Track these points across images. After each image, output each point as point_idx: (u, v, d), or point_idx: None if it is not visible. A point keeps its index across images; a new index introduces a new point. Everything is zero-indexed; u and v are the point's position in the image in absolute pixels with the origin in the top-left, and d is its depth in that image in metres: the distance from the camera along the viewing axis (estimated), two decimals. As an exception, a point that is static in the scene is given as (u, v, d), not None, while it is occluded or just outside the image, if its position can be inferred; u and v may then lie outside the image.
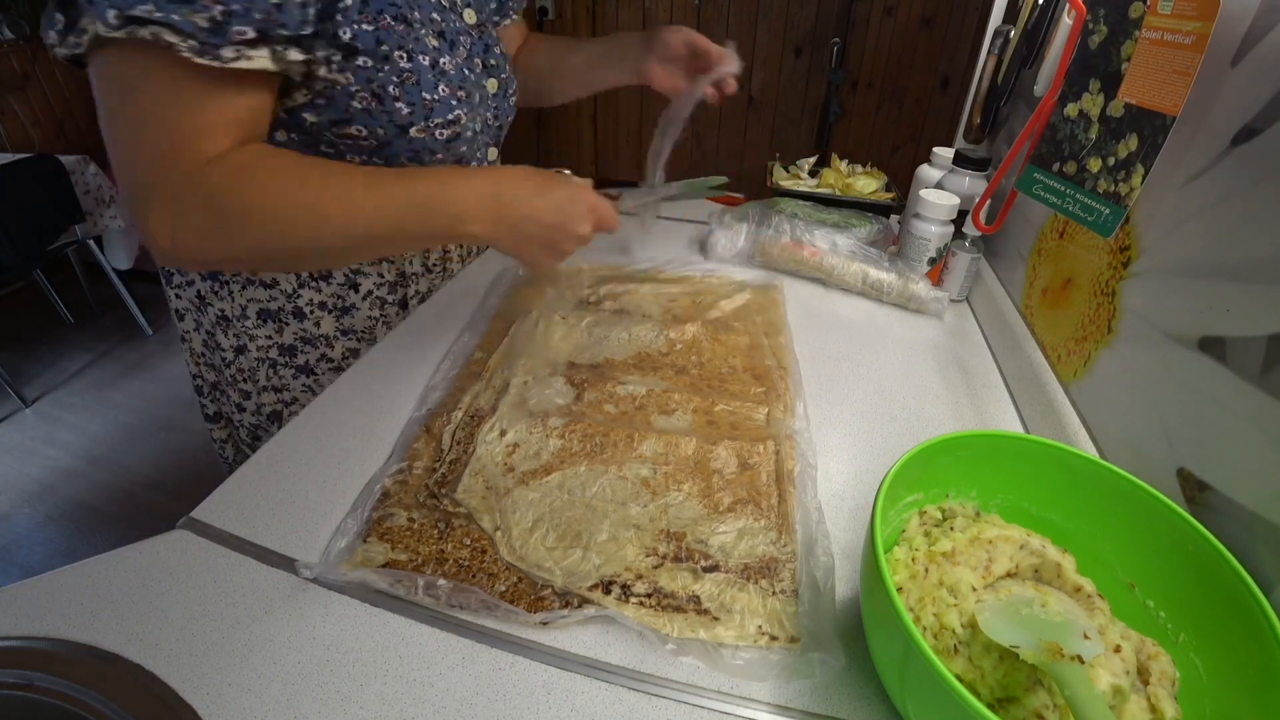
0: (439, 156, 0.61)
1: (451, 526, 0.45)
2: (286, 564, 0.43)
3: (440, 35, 0.57)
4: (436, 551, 0.43)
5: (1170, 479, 0.42)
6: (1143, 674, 0.33)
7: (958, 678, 0.30)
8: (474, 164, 0.68)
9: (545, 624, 0.39)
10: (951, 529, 0.39)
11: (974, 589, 0.36)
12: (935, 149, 0.89)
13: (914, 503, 0.42)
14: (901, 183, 0.99)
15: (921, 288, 0.77)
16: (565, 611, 0.39)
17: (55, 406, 1.98)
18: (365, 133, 0.55)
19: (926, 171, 0.88)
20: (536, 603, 0.40)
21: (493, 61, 0.66)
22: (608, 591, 0.41)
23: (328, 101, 0.53)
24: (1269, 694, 0.29)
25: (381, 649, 0.38)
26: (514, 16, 0.77)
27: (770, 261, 0.86)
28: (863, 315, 0.78)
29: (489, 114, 0.66)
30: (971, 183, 0.81)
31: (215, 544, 0.44)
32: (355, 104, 0.53)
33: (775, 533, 0.45)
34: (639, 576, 0.42)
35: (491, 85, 0.66)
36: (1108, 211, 0.52)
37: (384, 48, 0.52)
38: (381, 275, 0.69)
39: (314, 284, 0.67)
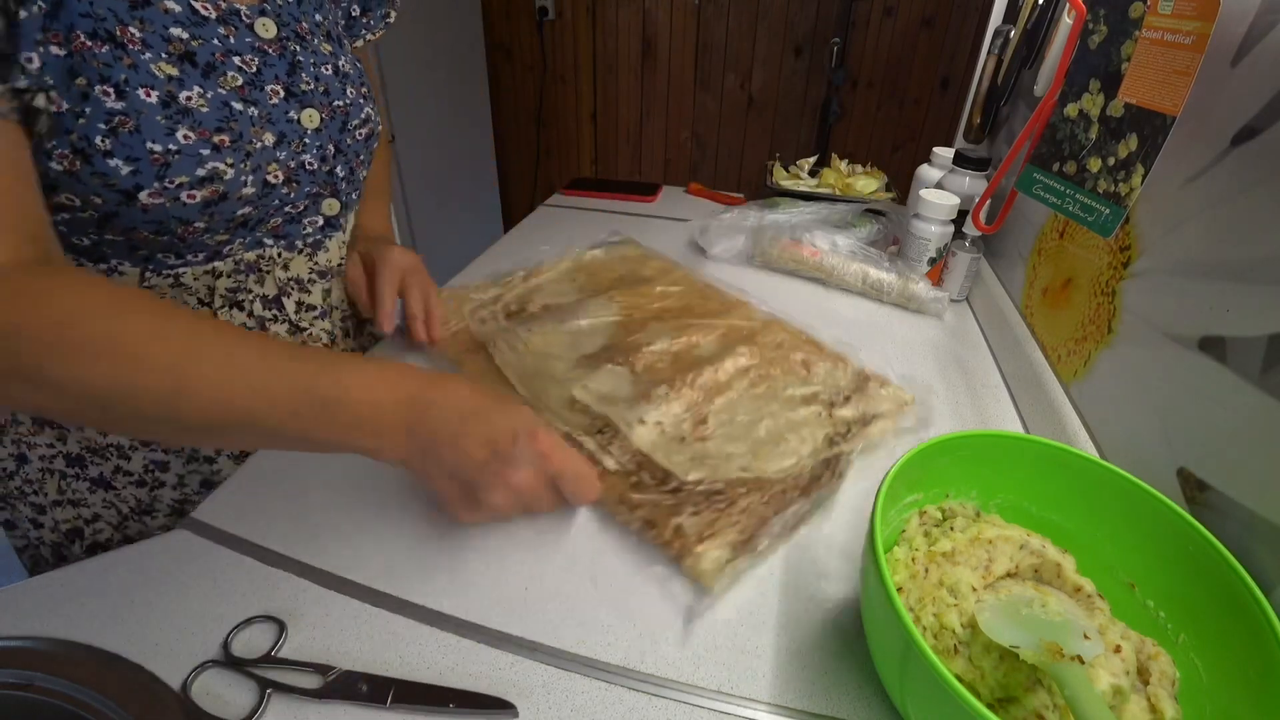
0: (198, 225, 0.45)
1: None
2: (287, 564, 0.43)
3: (186, 59, 0.42)
4: None
5: (1170, 479, 0.42)
6: (1143, 674, 0.33)
7: (958, 678, 0.30)
8: (281, 223, 0.53)
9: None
10: (951, 529, 0.39)
11: (974, 589, 0.36)
12: (935, 149, 0.89)
13: (914, 503, 0.42)
14: (901, 183, 0.99)
15: (921, 288, 0.77)
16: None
17: (55, 406, 1.98)
18: (79, 203, 0.41)
19: (926, 171, 0.88)
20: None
21: (305, 85, 0.50)
22: None
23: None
24: (1269, 694, 0.29)
25: (381, 649, 0.38)
26: (366, 38, 0.64)
27: (770, 261, 0.86)
28: (863, 315, 0.78)
29: (309, 156, 0.51)
30: (971, 183, 0.81)
31: (215, 544, 0.44)
32: (54, 164, 0.39)
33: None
34: None
35: (310, 118, 0.50)
36: (1108, 211, 0.52)
37: (80, 81, 0.38)
38: None
39: None
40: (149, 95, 0.40)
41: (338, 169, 0.55)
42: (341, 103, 0.54)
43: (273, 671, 0.36)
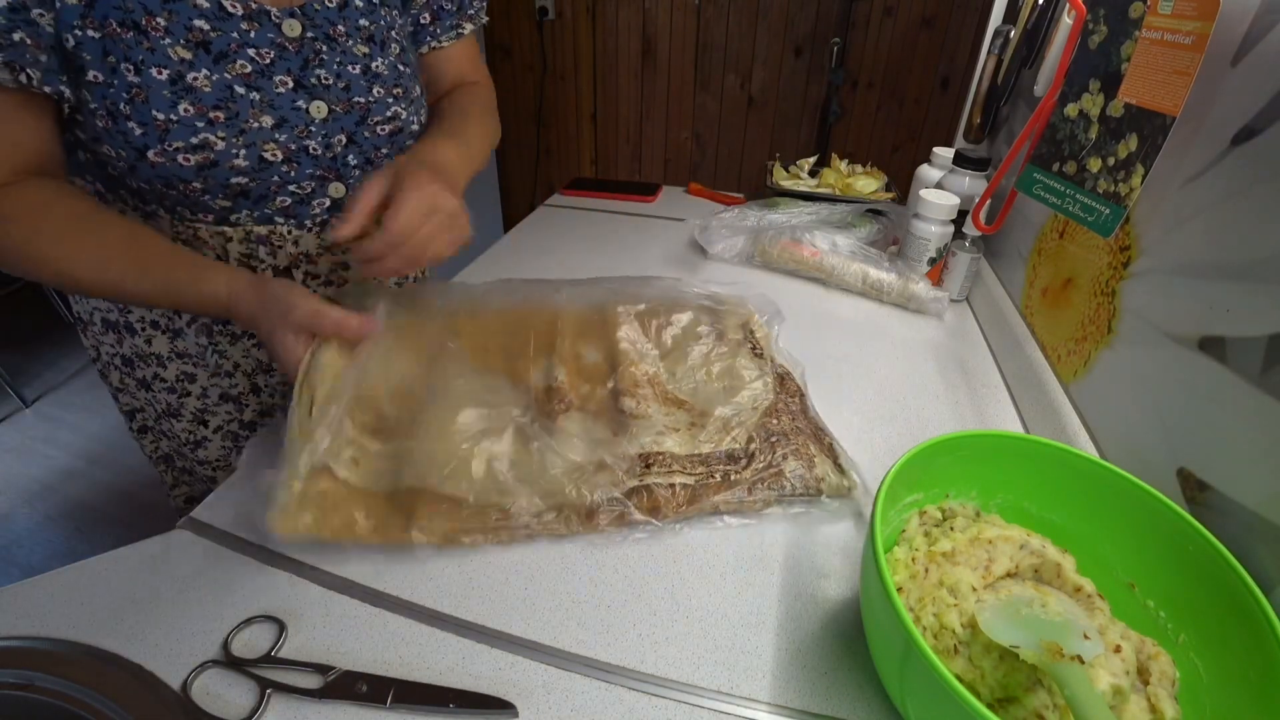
0: (195, 185, 0.52)
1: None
2: (287, 564, 0.43)
3: (201, 46, 0.50)
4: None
5: (1170, 479, 0.42)
6: (1143, 674, 0.33)
7: (958, 678, 0.30)
8: (287, 201, 0.58)
9: None
10: (951, 529, 0.39)
11: (974, 589, 0.36)
12: (935, 149, 0.89)
13: (914, 503, 0.42)
14: (901, 183, 0.99)
15: (921, 288, 0.77)
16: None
17: (55, 406, 1.98)
18: (114, 153, 0.51)
19: (926, 171, 0.88)
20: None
21: (319, 80, 0.55)
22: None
23: (83, 119, 0.50)
24: (1269, 694, 0.29)
25: (381, 649, 0.38)
26: (432, 45, 0.68)
27: (770, 261, 0.86)
28: (863, 315, 0.78)
29: (312, 142, 0.56)
30: (971, 183, 0.81)
31: (215, 544, 0.44)
32: (98, 122, 0.49)
33: None
34: None
35: (318, 109, 0.56)
36: (1108, 211, 0.52)
37: (110, 59, 0.47)
38: (195, 316, 0.63)
39: None
40: (160, 74, 0.48)
41: (349, 157, 0.60)
42: (363, 99, 0.58)
43: (273, 671, 0.36)
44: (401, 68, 0.62)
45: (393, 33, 0.61)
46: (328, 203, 0.62)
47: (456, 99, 0.71)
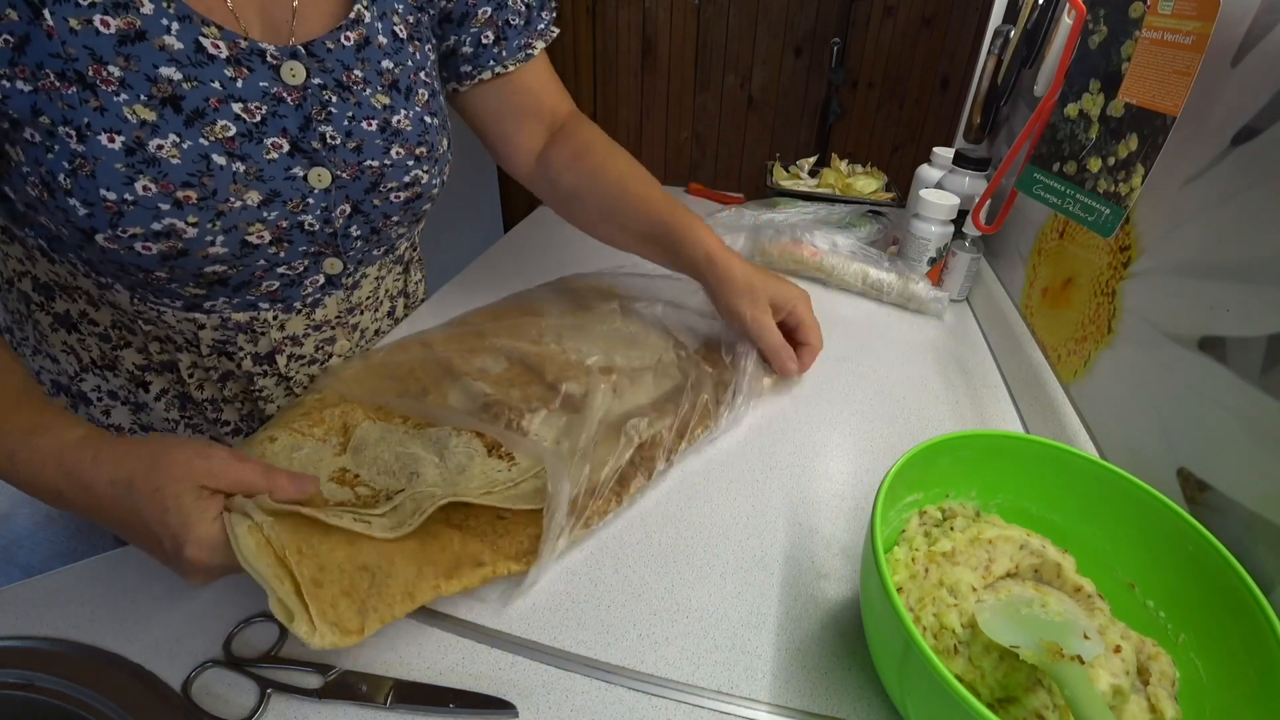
0: (160, 275, 0.43)
1: None
2: (286, 564, 0.43)
3: (170, 103, 0.39)
4: None
5: (1170, 479, 0.42)
6: (1143, 674, 0.33)
7: (958, 678, 0.30)
8: (274, 285, 0.50)
9: None
10: (951, 529, 0.39)
11: (974, 589, 0.36)
12: (935, 149, 0.89)
13: (914, 503, 0.42)
14: (901, 183, 0.99)
15: (921, 288, 0.77)
16: None
17: (55, 406, 1.98)
18: (53, 227, 0.41)
19: (926, 171, 0.88)
20: None
21: (323, 140, 0.45)
22: None
23: (12, 179, 0.40)
24: (1269, 694, 0.29)
25: (381, 649, 0.38)
26: (496, 70, 0.59)
27: (770, 261, 0.86)
28: (863, 315, 0.78)
29: (309, 217, 0.47)
30: (971, 183, 0.81)
31: (215, 544, 0.44)
32: (30, 190, 0.39)
33: None
34: None
35: (319, 177, 0.46)
36: (1108, 211, 0.52)
37: (44, 119, 0.37)
38: (167, 387, 0.56)
39: (99, 370, 0.54)
40: (112, 141, 0.38)
41: (352, 229, 0.51)
42: (375, 163, 0.49)
43: (273, 671, 0.36)
44: (428, 119, 0.52)
45: (421, 74, 0.51)
46: (321, 280, 0.53)
47: (617, 172, 0.62)
